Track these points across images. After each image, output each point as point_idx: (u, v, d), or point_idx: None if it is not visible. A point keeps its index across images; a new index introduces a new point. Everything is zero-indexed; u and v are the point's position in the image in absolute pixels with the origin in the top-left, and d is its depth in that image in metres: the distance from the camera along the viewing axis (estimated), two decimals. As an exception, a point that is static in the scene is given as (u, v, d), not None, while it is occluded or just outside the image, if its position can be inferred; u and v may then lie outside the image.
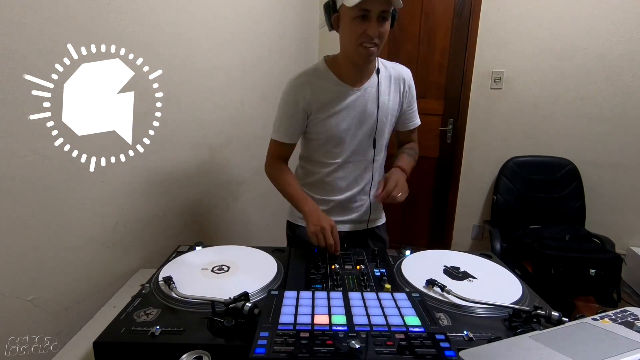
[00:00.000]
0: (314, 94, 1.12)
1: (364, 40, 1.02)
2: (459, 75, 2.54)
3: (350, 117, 1.16)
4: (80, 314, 0.92)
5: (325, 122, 1.15)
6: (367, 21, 1.00)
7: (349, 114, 1.16)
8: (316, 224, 1.04)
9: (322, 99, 1.13)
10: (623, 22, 2.20)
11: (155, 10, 1.13)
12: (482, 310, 0.77)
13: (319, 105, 1.13)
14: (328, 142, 1.18)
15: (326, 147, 1.20)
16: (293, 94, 1.13)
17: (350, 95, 1.15)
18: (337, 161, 1.21)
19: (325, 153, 1.21)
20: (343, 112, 1.15)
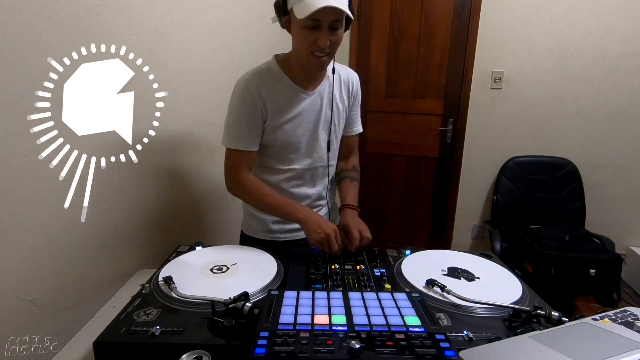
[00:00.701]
0: (269, 97, 1.05)
1: (315, 49, 0.97)
2: (459, 75, 2.54)
3: (306, 122, 1.11)
4: (80, 314, 0.92)
5: (280, 128, 1.08)
6: (317, 30, 0.95)
7: (304, 118, 1.11)
8: (319, 231, 0.98)
9: (277, 102, 1.06)
10: (623, 22, 2.20)
11: (155, 11, 1.13)
12: (482, 310, 0.77)
13: (274, 109, 1.06)
14: (283, 149, 1.12)
15: (281, 154, 1.13)
16: (249, 95, 1.04)
17: (304, 99, 1.10)
18: (293, 167, 1.15)
19: (280, 160, 1.14)
20: (298, 117, 1.10)
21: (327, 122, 1.15)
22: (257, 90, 1.04)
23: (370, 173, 2.89)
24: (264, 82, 1.05)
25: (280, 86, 1.07)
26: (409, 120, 2.70)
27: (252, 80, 1.05)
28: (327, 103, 1.14)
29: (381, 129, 2.75)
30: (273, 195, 1.08)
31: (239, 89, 1.06)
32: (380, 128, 2.75)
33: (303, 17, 0.91)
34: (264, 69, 1.08)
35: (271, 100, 1.06)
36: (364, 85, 2.76)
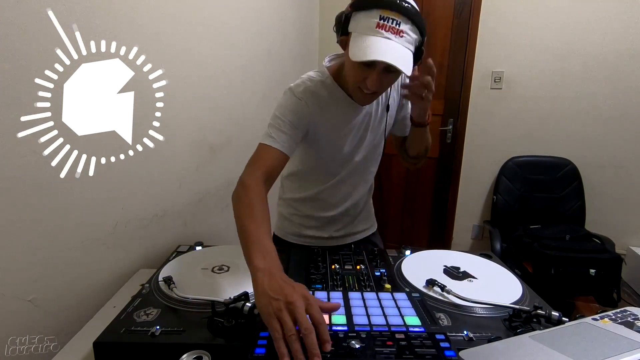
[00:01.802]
0: (323, 111, 0.99)
1: (363, 86, 0.88)
2: (459, 75, 2.54)
3: (356, 135, 1.05)
4: (80, 314, 0.92)
5: (331, 143, 1.04)
6: (370, 69, 0.84)
7: (356, 132, 1.05)
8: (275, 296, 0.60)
9: (331, 117, 1.00)
10: (623, 22, 2.20)
11: (155, 11, 1.13)
12: (482, 310, 0.77)
13: (327, 123, 1.00)
14: (331, 161, 1.08)
15: (327, 165, 1.09)
16: (302, 106, 0.96)
17: (358, 113, 1.03)
18: (337, 178, 1.11)
19: (325, 171, 1.10)
20: (351, 132, 1.04)
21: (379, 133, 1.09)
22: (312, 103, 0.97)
23: (370, 173, 2.88)
24: (318, 94, 0.98)
25: (334, 100, 1.00)
26: (409, 120, 2.70)
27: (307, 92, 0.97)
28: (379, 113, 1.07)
29: (381, 129, 2.75)
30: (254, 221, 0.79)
31: (291, 100, 0.97)
32: (380, 128, 2.75)
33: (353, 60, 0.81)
34: (318, 82, 0.99)
35: (325, 116, 0.99)
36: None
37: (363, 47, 0.79)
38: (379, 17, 0.77)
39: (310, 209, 1.18)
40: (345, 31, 0.86)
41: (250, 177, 0.89)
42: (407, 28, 0.79)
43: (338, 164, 1.09)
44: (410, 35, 0.80)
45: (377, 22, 0.77)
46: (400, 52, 0.79)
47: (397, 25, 0.77)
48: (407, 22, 0.78)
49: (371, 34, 0.78)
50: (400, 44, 0.79)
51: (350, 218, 1.21)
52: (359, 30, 0.81)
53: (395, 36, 0.78)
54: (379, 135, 1.09)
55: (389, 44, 0.78)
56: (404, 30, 0.78)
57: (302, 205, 1.19)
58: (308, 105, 0.96)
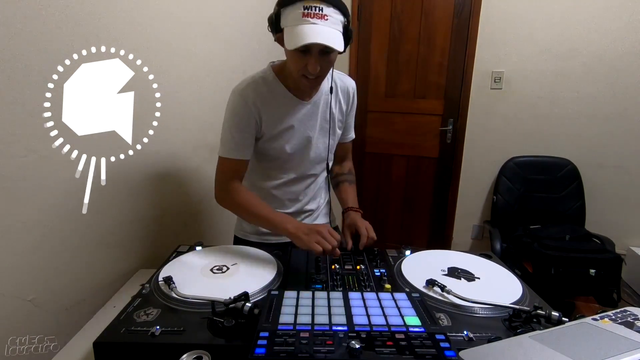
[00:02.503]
0: (264, 106, 1.03)
1: (306, 72, 0.95)
2: (459, 75, 2.54)
3: (301, 131, 1.09)
4: (80, 314, 0.92)
5: (276, 138, 1.07)
6: (308, 55, 0.92)
7: (300, 127, 1.09)
8: (311, 234, 0.92)
9: (273, 112, 1.05)
10: (623, 22, 2.20)
11: (155, 11, 1.13)
12: (482, 310, 0.77)
13: (270, 119, 1.05)
14: (278, 158, 1.11)
15: (276, 163, 1.12)
16: (244, 104, 1.02)
17: (300, 110, 1.08)
18: (288, 174, 1.14)
19: (275, 168, 1.14)
20: (294, 127, 1.08)
21: (324, 130, 1.14)
22: (253, 100, 1.02)
23: (370, 173, 2.89)
24: (260, 92, 1.04)
25: (276, 96, 1.05)
26: (409, 120, 2.70)
27: (247, 90, 1.03)
28: (323, 112, 1.12)
29: (381, 129, 2.75)
30: (262, 206, 1.04)
31: (234, 99, 1.04)
32: (380, 128, 2.75)
33: (290, 49, 0.90)
34: (259, 78, 1.06)
35: (267, 111, 1.04)
36: (364, 85, 2.78)
37: (295, 35, 0.87)
38: (303, 8, 0.86)
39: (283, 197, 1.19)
40: (279, 28, 0.94)
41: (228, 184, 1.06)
42: (330, 11, 0.88)
43: (287, 160, 1.12)
44: (334, 17, 0.89)
45: (302, 12, 0.87)
46: (329, 32, 0.88)
47: (320, 11, 0.87)
48: (328, 6, 0.88)
49: (300, 24, 0.87)
50: (327, 25, 0.88)
51: (307, 214, 1.24)
52: (289, 23, 0.90)
53: (320, 20, 0.87)
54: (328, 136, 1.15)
55: (316, 28, 0.87)
56: (327, 14, 0.88)
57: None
58: (248, 102, 1.02)
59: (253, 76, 1.07)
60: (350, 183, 1.27)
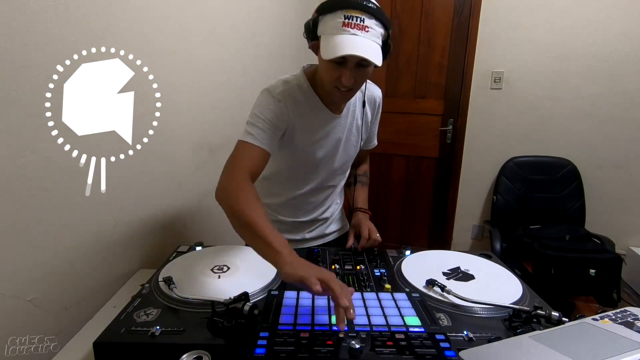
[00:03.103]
0: (299, 116, 1.00)
1: (339, 84, 0.91)
2: (459, 75, 2.54)
3: (328, 145, 1.07)
4: (80, 314, 0.92)
5: (304, 149, 1.04)
6: (343, 66, 0.87)
7: (328, 141, 1.07)
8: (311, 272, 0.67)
9: (306, 123, 1.02)
10: (623, 22, 2.20)
11: (155, 11, 1.13)
12: (482, 310, 0.77)
13: (302, 128, 1.01)
14: (303, 167, 1.09)
15: (300, 172, 1.10)
16: (279, 105, 0.96)
17: (331, 122, 1.06)
18: (309, 186, 1.13)
19: (298, 177, 1.12)
20: (323, 140, 1.06)
21: (350, 142, 1.13)
22: (290, 106, 0.98)
23: (370, 173, 2.88)
24: (297, 100, 0.99)
25: (310, 106, 1.02)
26: (409, 120, 2.70)
27: (285, 95, 0.98)
28: (350, 124, 1.10)
29: (381, 129, 2.72)
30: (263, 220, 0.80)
31: (268, 99, 0.97)
32: (380, 128, 2.73)
33: (326, 59, 0.85)
34: (294, 85, 1.00)
35: (300, 121, 1.00)
36: (364, 85, 2.77)
37: (332, 46, 0.83)
38: (344, 17, 0.82)
39: (282, 213, 1.19)
40: (315, 36, 0.90)
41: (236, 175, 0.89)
42: (371, 23, 0.84)
43: (310, 171, 1.11)
44: (375, 30, 0.85)
45: (342, 21, 0.82)
46: (368, 45, 0.84)
47: (361, 22, 0.83)
48: (370, 17, 0.83)
49: (339, 33, 0.83)
50: (367, 38, 0.84)
51: (321, 222, 1.24)
52: (327, 31, 0.86)
53: (361, 32, 0.83)
54: (351, 148, 1.14)
55: (356, 40, 0.83)
56: (368, 26, 0.83)
57: (275, 209, 1.19)
58: (286, 106, 0.97)
59: (288, 81, 1.01)
60: (363, 184, 1.28)
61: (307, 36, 0.94)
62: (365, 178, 1.31)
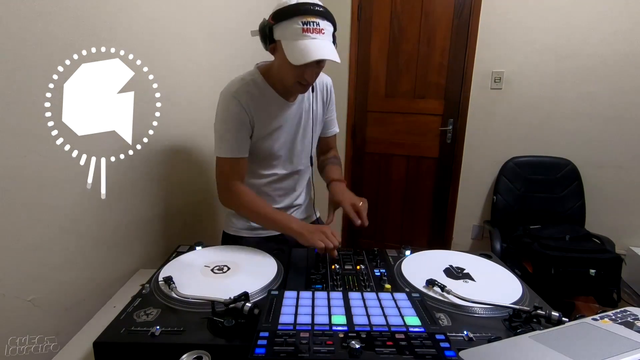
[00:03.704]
0: (255, 109, 1.07)
1: (302, 80, 1.01)
2: (459, 75, 2.54)
3: (287, 131, 1.15)
4: (80, 314, 0.92)
5: (265, 138, 1.11)
6: (305, 66, 0.96)
7: (286, 128, 1.14)
8: (315, 232, 0.97)
9: (264, 114, 1.09)
10: (623, 22, 2.20)
11: (155, 11, 1.13)
12: (482, 310, 0.77)
13: (260, 120, 1.09)
14: (266, 157, 1.16)
15: (265, 161, 1.17)
16: (238, 105, 1.04)
17: (287, 110, 1.13)
18: (275, 172, 1.19)
19: (263, 165, 1.17)
20: (282, 127, 1.13)
21: (308, 127, 1.19)
22: (246, 102, 1.05)
23: (370, 173, 2.89)
24: (252, 94, 1.07)
25: (265, 98, 1.09)
26: (409, 120, 2.70)
27: (240, 92, 1.05)
28: (306, 112, 1.18)
29: (381, 129, 2.75)
30: (267, 207, 1.08)
31: (227, 100, 1.05)
32: (380, 128, 2.75)
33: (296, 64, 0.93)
34: (249, 81, 1.08)
35: (258, 112, 1.07)
36: (364, 85, 2.78)
37: (299, 51, 0.92)
38: (302, 23, 0.92)
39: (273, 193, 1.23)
40: (272, 40, 0.99)
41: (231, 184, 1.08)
42: (325, 25, 0.94)
43: (273, 158, 1.16)
44: (328, 30, 0.96)
45: (301, 27, 0.92)
46: (328, 46, 0.95)
47: (317, 26, 0.93)
48: (323, 19, 0.94)
49: (300, 39, 0.92)
50: (324, 39, 0.94)
51: (296, 208, 1.29)
52: (288, 37, 0.94)
53: (319, 35, 0.93)
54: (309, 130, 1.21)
55: (317, 43, 0.93)
56: (324, 28, 0.94)
57: None
58: (242, 104, 1.05)
59: (243, 78, 1.09)
60: (333, 164, 1.31)
61: (263, 40, 1.02)
62: (336, 159, 1.34)
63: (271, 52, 1.03)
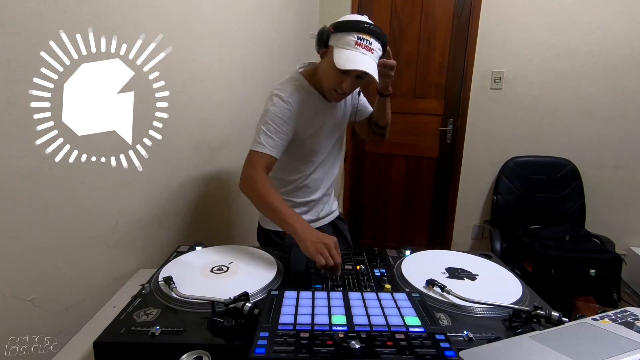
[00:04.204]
0: (304, 113, 1.14)
1: (338, 88, 1.08)
2: (459, 75, 2.54)
3: (326, 129, 1.23)
4: (80, 314, 0.92)
5: (310, 138, 1.20)
6: (346, 75, 1.05)
7: (326, 127, 1.23)
8: (316, 241, 0.90)
9: (309, 116, 1.16)
10: (623, 22, 2.20)
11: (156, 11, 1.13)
12: (482, 310, 0.77)
13: (306, 124, 1.16)
14: (308, 154, 1.24)
15: (304, 159, 1.24)
16: (288, 109, 1.10)
17: (327, 110, 1.22)
18: (313, 167, 1.27)
19: (303, 162, 1.25)
20: (322, 127, 1.22)
21: (342, 123, 1.30)
22: (296, 107, 1.13)
23: (370, 173, 2.89)
24: (302, 99, 1.14)
25: (313, 102, 1.17)
26: (409, 120, 2.70)
27: (294, 97, 1.13)
28: (341, 108, 1.27)
29: (381, 129, 2.75)
30: (278, 199, 1.04)
31: (279, 103, 1.10)
32: (380, 128, 2.75)
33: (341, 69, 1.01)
34: (299, 86, 1.15)
35: (305, 117, 1.15)
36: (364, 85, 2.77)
37: (345, 58, 1.01)
38: (357, 37, 1.00)
39: (298, 197, 1.29)
40: (326, 45, 1.07)
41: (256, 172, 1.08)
42: (376, 46, 1.02)
43: (312, 154, 1.25)
44: (377, 52, 1.03)
45: (355, 40, 1.00)
46: (372, 64, 1.02)
47: (369, 44, 1.01)
48: (377, 41, 1.02)
49: (351, 49, 1.01)
50: (372, 58, 1.02)
51: (328, 197, 1.38)
52: (340, 45, 1.02)
53: (368, 52, 1.01)
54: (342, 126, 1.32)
55: (364, 58, 1.01)
56: (374, 48, 1.02)
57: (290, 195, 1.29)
58: (292, 108, 1.12)
59: (292, 82, 1.16)
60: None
61: (318, 43, 1.09)
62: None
63: (321, 55, 1.11)
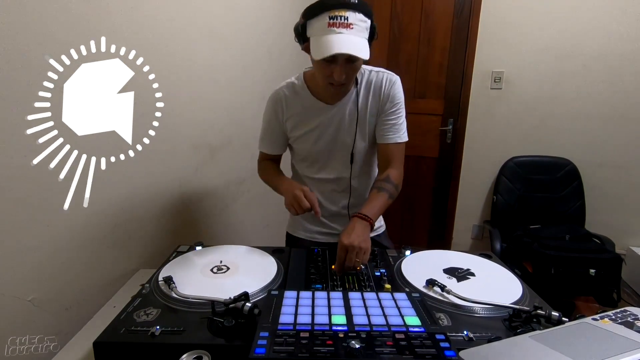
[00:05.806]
0: (289, 110, 1.13)
1: (332, 80, 0.97)
2: (459, 75, 2.54)
3: (326, 135, 1.12)
4: (80, 314, 0.92)
5: (301, 139, 1.15)
6: (334, 64, 0.93)
7: (325, 131, 1.11)
8: (288, 194, 1.02)
9: (295, 115, 1.13)
10: (623, 22, 2.20)
11: (155, 11, 1.13)
12: (482, 310, 0.77)
13: (294, 121, 1.13)
14: (306, 159, 1.20)
15: (306, 162, 1.21)
16: (271, 107, 1.15)
17: (324, 112, 1.10)
18: (321, 175, 1.19)
19: (307, 167, 1.22)
20: (317, 130, 1.11)
21: (351, 134, 1.12)
22: (281, 103, 1.12)
23: (370, 173, 2.88)
24: (285, 94, 1.13)
25: (300, 99, 1.12)
26: (408, 120, 2.67)
27: (275, 94, 1.14)
28: (352, 114, 1.10)
29: (381, 129, 2.75)
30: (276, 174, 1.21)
31: (269, 101, 1.16)
32: (380, 128, 2.75)
33: (318, 59, 0.92)
34: (290, 82, 1.14)
35: (291, 113, 1.13)
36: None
37: (321, 46, 0.90)
38: (329, 18, 0.88)
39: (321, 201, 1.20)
40: (306, 38, 0.96)
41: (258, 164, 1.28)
42: (355, 19, 0.89)
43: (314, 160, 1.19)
44: (359, 25, 0.90)
45: (327, 22, 0.89)
46: (353, 41, 0.89)
47: (345, 20, 0.88)
48: (354, 12, 0.89)
49: (326, 33, 0.89)
50: (352, 34, 0.89)
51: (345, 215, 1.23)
52: (315, 33, 0.92)
53: (346, 29, 0.89)
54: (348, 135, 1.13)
55: (342, 38, 0.88)
56: (353, 23, 0.89)
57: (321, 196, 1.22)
58: (275, 106, 1.14)
59: (287, 81, 1.15)
60: (379, 190, 1.08)
61: (297, 40, 1.01)
62: (387, 184, 1.10)
63: (306, 51, 0.99)
